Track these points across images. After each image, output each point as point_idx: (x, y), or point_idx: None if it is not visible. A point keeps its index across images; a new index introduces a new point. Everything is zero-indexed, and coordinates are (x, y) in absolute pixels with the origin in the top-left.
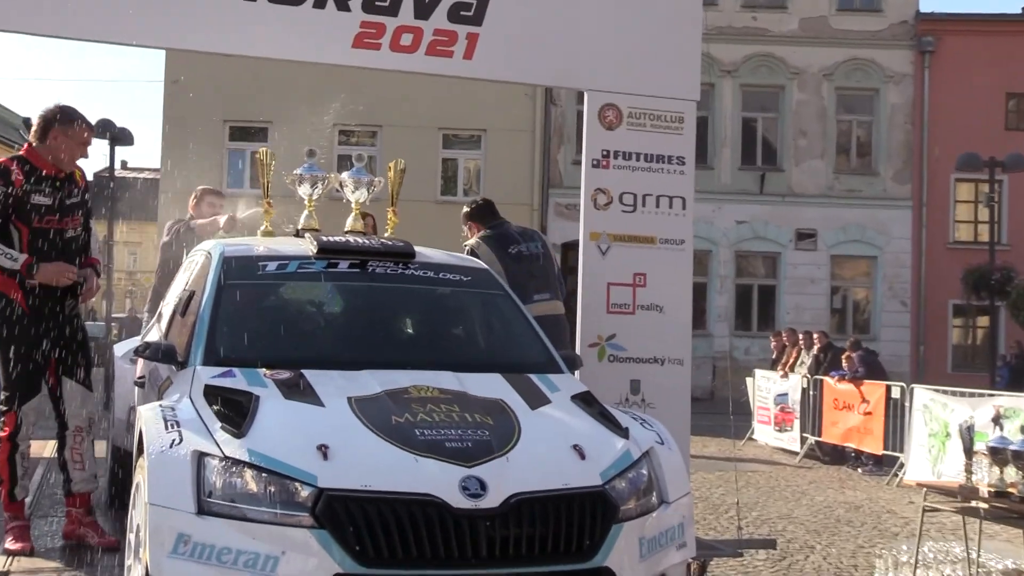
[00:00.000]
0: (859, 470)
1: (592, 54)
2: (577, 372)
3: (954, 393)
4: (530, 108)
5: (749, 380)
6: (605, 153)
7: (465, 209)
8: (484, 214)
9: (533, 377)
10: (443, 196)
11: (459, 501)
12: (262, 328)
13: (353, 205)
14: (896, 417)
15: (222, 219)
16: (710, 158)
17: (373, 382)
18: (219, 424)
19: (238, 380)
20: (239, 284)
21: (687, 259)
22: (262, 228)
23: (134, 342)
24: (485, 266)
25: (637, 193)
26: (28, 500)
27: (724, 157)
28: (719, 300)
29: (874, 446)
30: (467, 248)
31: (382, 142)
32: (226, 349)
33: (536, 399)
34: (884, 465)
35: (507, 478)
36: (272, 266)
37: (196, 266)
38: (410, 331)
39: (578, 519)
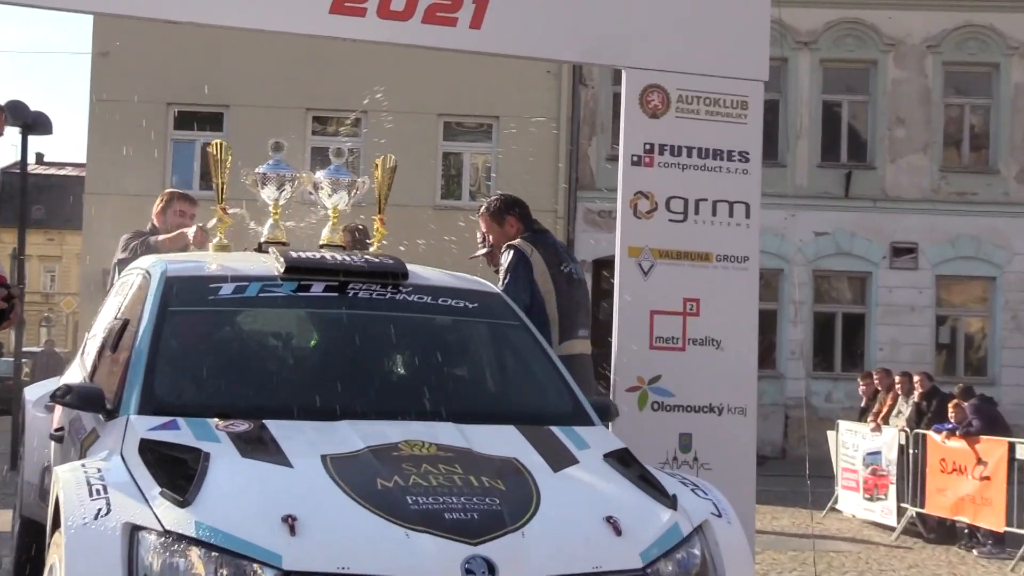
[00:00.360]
0: (974, 551)
1: (632, 23)
2: (612, 424)
3: None
4: (554, 90)
5: (831, 434)
6: (648, 147)
7: (493, 200)
8: (526, 211)
9: (556, 430)
10: (444, 200)
11: None
12: (214, 367)
13: (330, 212)
14: (1022, 483)
15: (191, 231)
16: (782, 153)
17: (354, 436)
18: (158, 489)
19: (183, 433)
20: (185, 311)
21: (751, 281)
22: (215, 240)
23: (52, 384)
24: (496, 290)
25: (688, 198)
26: None
27: (800, 152)
28: (793, 332)
29: (993, 521)
30: (505, 253)
31: (367, 132)
32: (168, 393)
33: (560, 458)
34: (1007, 545)
35: (523, 559)
36: (227, 289)
37: (131, 288)
38: (401, 371)
39: None
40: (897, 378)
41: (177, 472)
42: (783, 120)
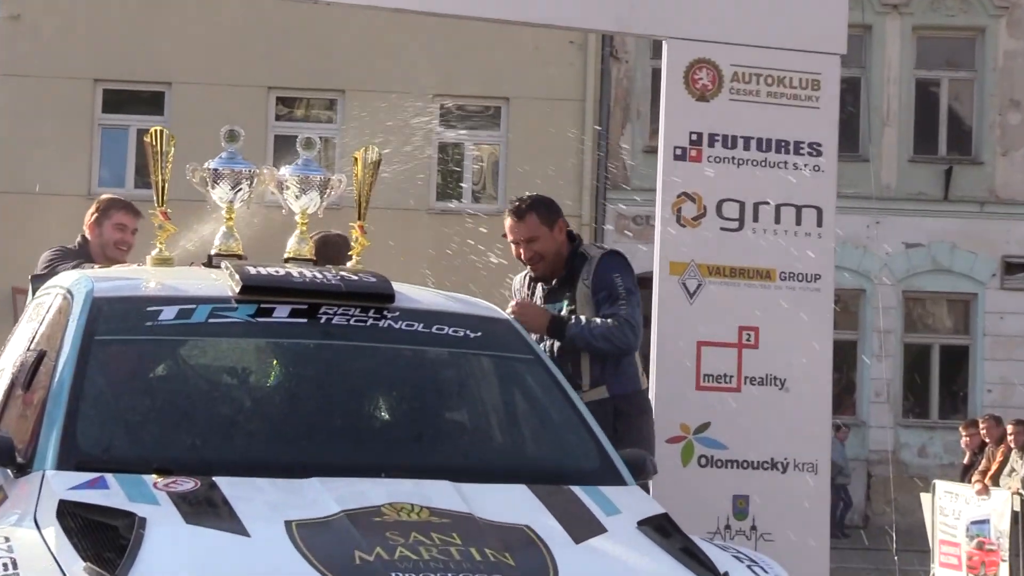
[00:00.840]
0: None
1: None
2: (650, 483)
3: None
4: (578, 66)
5: (925, 498)
6: (695, 137)
7: (535, 197)
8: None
9: (579, 491)
10: (440, 202)
11: None
12: (152, 411)
13: (298, 218)
14: None
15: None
16: (863, 145)
17: (327, 497)
18: (81, 564)
19: (113, 493)
20: (116, 341)
21: (825, 304)
22: (154, 252)
23: None
24: (503, 314)
25: (745, 201)
26: None
27: (888, 143)
28: (877, 369)
29: None
30: (606, 265)
31: (344, 117)
32: (94, 444)
33: (583, 526)
34: None
35: None
36: (168, 313)
37: (48, 311)
38: (385, 417)
39: None
40: (1010, 427)
41: (105, 542)
42: (866, 104)
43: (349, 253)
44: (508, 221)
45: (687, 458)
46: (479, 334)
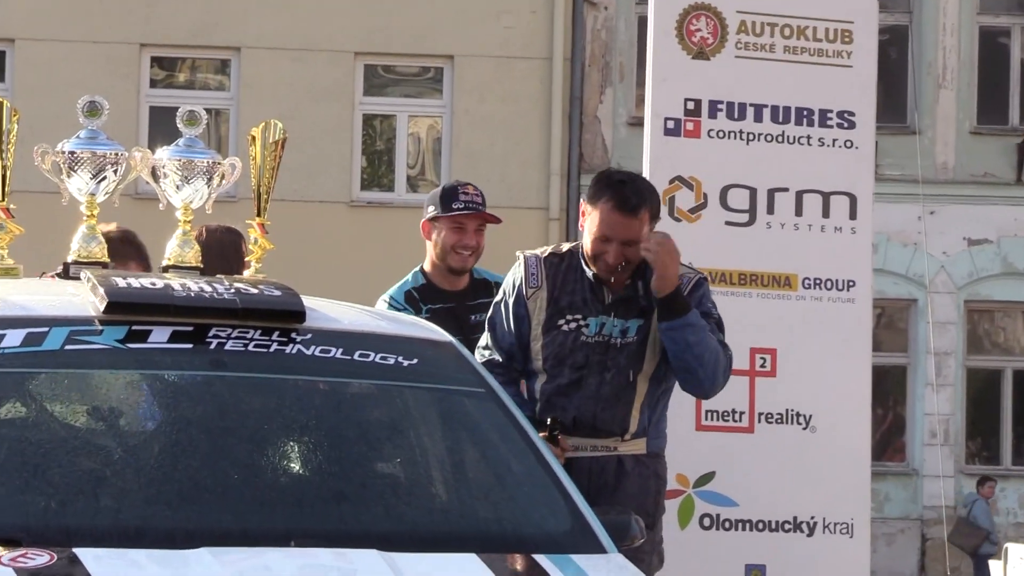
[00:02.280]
0: None
1: None
2: (636, 550)
3: None
4: (543, 15)
5: (995, 566)
6: (692, 106)
7: (625, 180)
8: None
9: (544, 561)
10: (365, 192)
11: None
12: None
13: (180, 214)
14: None
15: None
16: (911, 114)
17: (219, 573)
18: None
19: None
20: None
21: (862, 319)
22: None
23: None
24: (445, 336)
25: (757, 187)
26: None
27: (942, 111)
28: (933, 401)
29: None
30: (696, 283)
31: (239, 82)
32: None
33: None
34: None
35: None
36: (13, 339)
37: None
38: (294, 469)
39: None
40: None
41: None
42: (914, 60)
43: (246, 258)
44: (611, 214)
45: (686, 518)
46: (414, 361)
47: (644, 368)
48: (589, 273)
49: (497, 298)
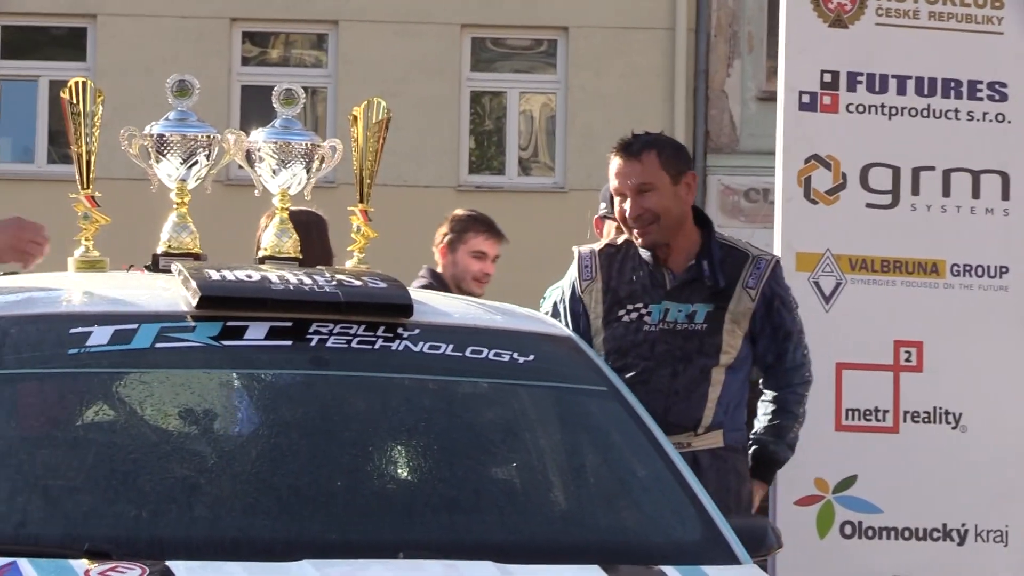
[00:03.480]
0: None
1: None
2: (773, 559)
3: None
4: None
5: None
6: (830, 78)
7: (655, 136)
8: None
9: (674, 574)
10: (474, 175)
11: None
12: (80, 472)
13: (277, 201)
14: None
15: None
16: None
17: None
18: None
19: None
20: (28, 376)
21: (1017, 307)
22: (78, 253)
23: None
24: (563, 330)
25: (901, 166)
26: None
27: None
28: None
29: None
30: (762, 259)
31: (337, 59)
32: (2, 519)
33: None
34: None
35: None
36: (100, 336)
37: None
38: (402, 475)
39: None
40: None
41: None
42: None
43: (349, 248)
44: (615, 162)
45: (825, 526)
46: (531, 358)
47: (719, 358)
48: (646, 256)
49: (555, 297)
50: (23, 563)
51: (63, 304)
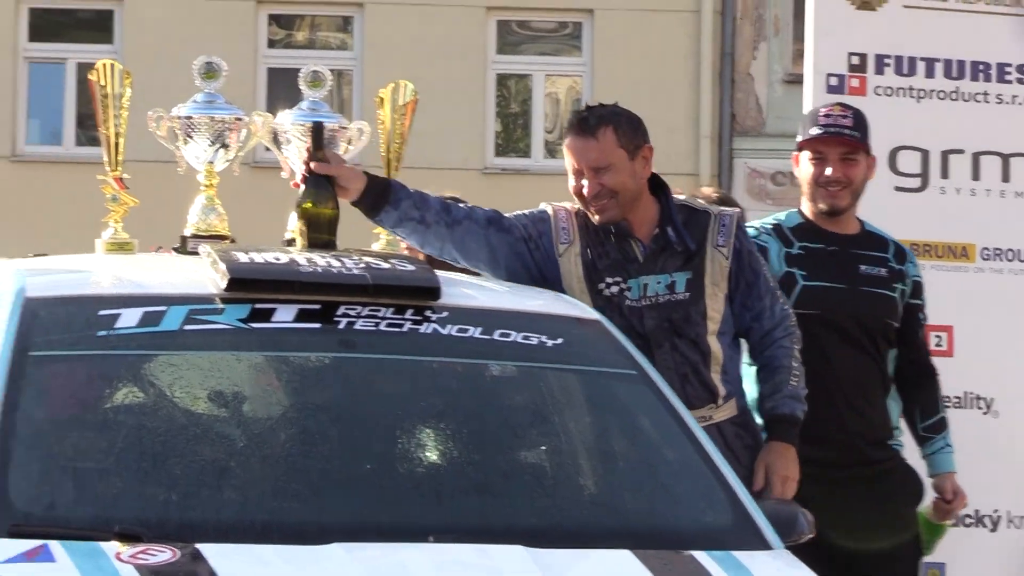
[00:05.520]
0: None
1: None
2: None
3: None
4: None
5: None
6: (857, 61)
7: (609, 109)
8: None
9: (704, 559)
10: (499, 158)
11: None
12: (110, 454)
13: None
14: None
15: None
16: None
17: (353, 570)
18: None
19: (60, 568)
20: (58, 359)
21: None
22: (106, 235)
23: None
24: (592, 313)
25: (930, 149)
26: None
27: None
28: None
29: None
30: (727, 215)
31: (363, 41)
32: (33, 500)
33: None
34: None
35: None
36: (129, 318)
37: None
38: (431, 458)
39: None
40: None
41: None
42: None
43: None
44: (569, 139)
45: None
46: (560, 341)
47: (707, 325)
48: (601, 227)
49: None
50: (54, 545)
51: (92, 286)
